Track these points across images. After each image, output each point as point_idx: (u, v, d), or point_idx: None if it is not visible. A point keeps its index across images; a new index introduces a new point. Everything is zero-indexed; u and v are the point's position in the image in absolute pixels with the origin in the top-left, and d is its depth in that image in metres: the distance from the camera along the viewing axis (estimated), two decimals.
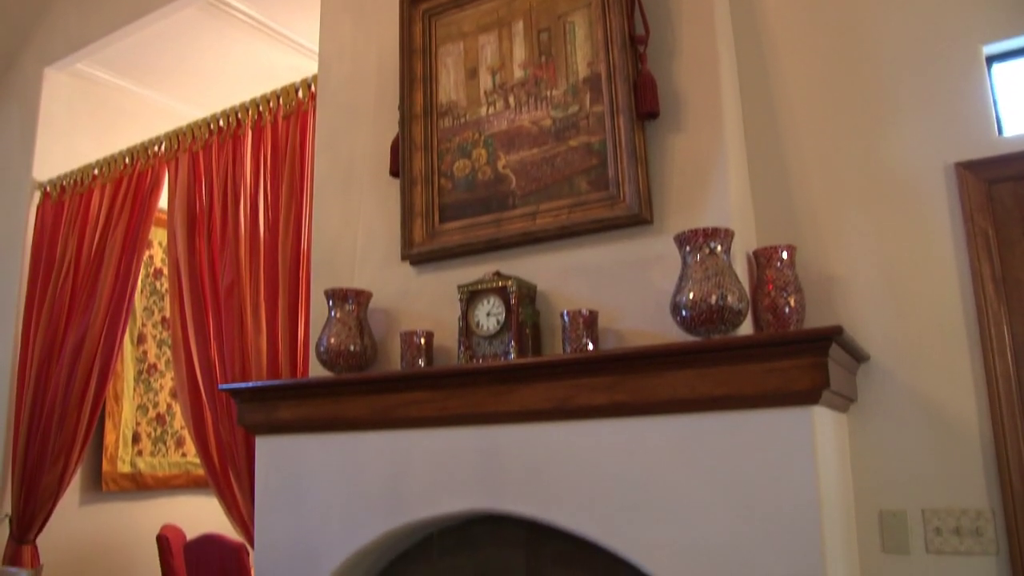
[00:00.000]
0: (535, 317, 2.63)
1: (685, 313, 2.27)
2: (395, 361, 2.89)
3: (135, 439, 5.50)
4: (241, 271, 3.77)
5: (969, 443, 2.38)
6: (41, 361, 4.70)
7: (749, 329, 2.41)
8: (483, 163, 2.87)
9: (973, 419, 2.39)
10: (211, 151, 4.12)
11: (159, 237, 5.35)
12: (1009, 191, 2.44)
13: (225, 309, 3.81)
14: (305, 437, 2.83)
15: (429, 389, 2.54)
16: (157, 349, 5.69)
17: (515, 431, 2.45)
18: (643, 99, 2.61)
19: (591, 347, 2.46)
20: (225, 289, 3.82)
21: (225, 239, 3.89)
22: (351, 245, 3.20)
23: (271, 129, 3.89)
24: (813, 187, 2.64)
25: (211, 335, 3.91)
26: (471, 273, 2.75)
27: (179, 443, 5.77)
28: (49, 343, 4.71)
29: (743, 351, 2.15)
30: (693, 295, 2.25)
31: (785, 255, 2.45)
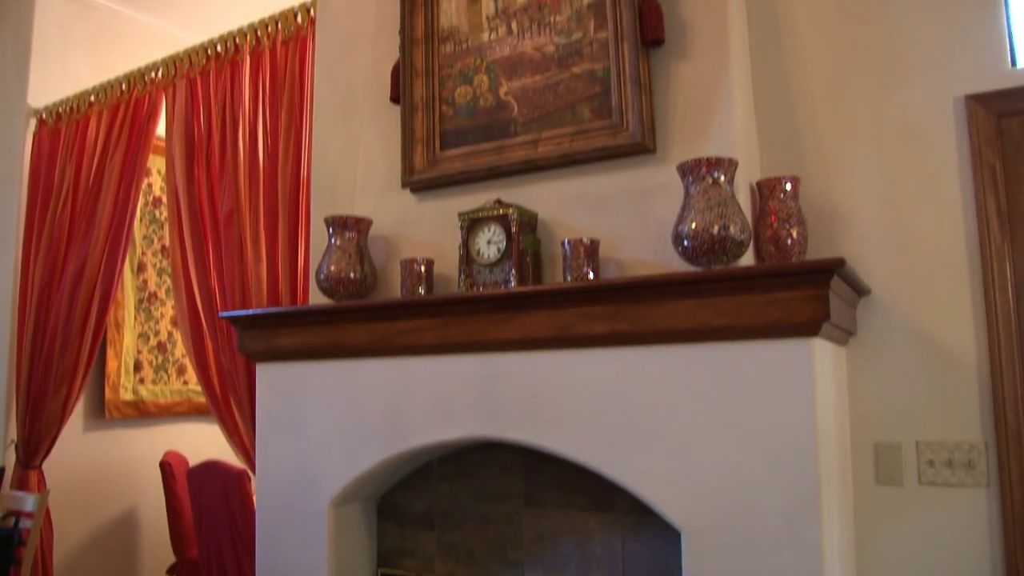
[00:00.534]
0: (536, 245, 2.62)
1: (687, 243, 2.26)
2: (395, 289, 2.89)
3: (137, 367, 5.54)
4: (240, 199, 3.74)
5: (966, 378, 2.40)
6: (41, 289, 4.70)
7: (751, 260, 2.40)
8: (485, 90, 2.83)
9: (971, 354, 2.40)
10: (209, 77, 4.06)
11: (157, 165, 5.30)
12: (1019, 125, 2.41)
13: (225, 237, 3.79)
14: (305, 364, 2.84)
15: (429, 317, 2.55)
16: (157, 278, 5.69)
17: (515, 359, 2.46)
18: (648, 26, 2.56)
19: (592, 276, 2.46)
20: (224, 217, 3.80)
21: (224, 167, 3.85)
22: (351, 172, 3.17)
23: (270, 55, 3.82)
24: (819, 118, 2.60)
25: (211, 263, 3.90)
26: (472, 201, 2.73)
27: (180, 371, 5.81)
28: (49, 271, 4.70)
29: (744, 282, 2.14)
30: (695, 225, 2.24)
31: (788, 187, 2.43)
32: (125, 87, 4.58)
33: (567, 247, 2.48)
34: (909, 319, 2.46)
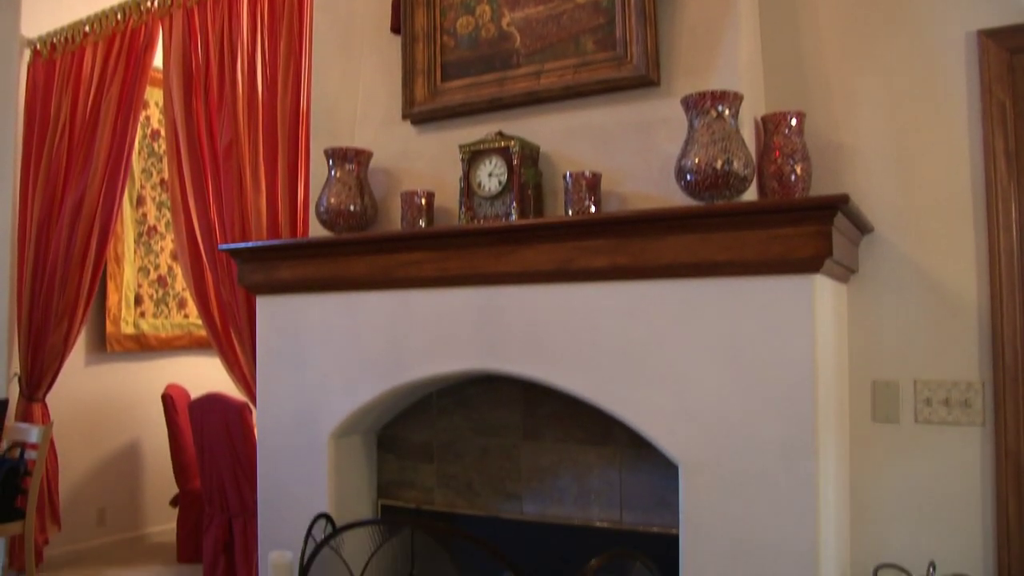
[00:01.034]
0: (537, 178, 2.60)
1: (690, 177, 2.24)
2: (395, 221, 2.87)
3: (137, 301, 5.55)
4: (240, 131, 3.71)
5: (965, 317, 2.40)
6: (41, 222, 4.68)
7: (754, 196, 2.39)
8: (487, 20, 2.77)
9: (972, 294, 2.40)
10: (206, 7, 3.98)
11: (155, 97, 5.24)
12: None
13: (224, 170, 3.77)
14: (305, 297, 2.84)
15: (429, 249, 2.54)
16: (156, 211, 5.67)
17: (515, 292, 2.45)
18: None
19: (593, 210, 2.44)
20: (223, 150, 3.77)
21: (223, 99, 3.81)
22: (351, 104, 3.13)
23: None
24: (826, 52, 2.56)
25: (210, 196, 3.88)
26: (473, 133, 2.70)
27: (181, 304, 5.82)
28: (48, 204, 4.68)
29: (747, 217, 2.13)
30: (698, 159, 2.21)
31: (794, 122, 2.40)
32: (120, 17, 4.50)
33: (569, 180, 2.46)
34: (911, 257, 2.45)
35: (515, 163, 2.53)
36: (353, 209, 2.77)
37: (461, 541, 2.33)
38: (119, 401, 5.51)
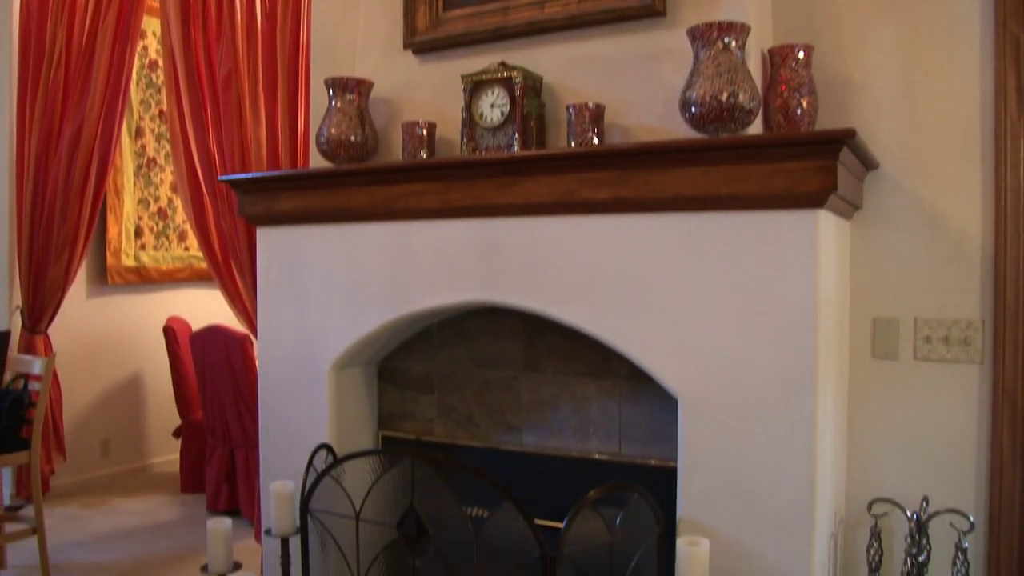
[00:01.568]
0: (540, 109, 2.56)
1: (694, 110, 2.20)
2: (396, 152, 2.85)
3: (138, 233, 5.54)
4: (239, 61, 3.65)
5: (969, 255, 2.40)
6: (39, 154, 4.64)
7: (759, 130, 2.36)
8: None
9: (976, 232, 2.39)
10: None
11: (152, 27, 5.17)
12: None
13: (223, 101, 3.72)
14: (306, 228, 2.83)
15: (431, 180, 2.51)
16: (156, 143, 5.63)
17: (517, 224, 2.44)
18: None
19: (596, 142, 2.41)
20: (222, 80, 3.72)
21: (221, 27, 3.74)
22: (352, 33, 3.07)
23: None
24: None
25: (209, 127, 3.84)
26: (476, 63, 2.65)
27: (181, 237, 5.82)
28: (45, 135, 4.64)
29: (751, 151, 2.11)
30: (703, 91, 2.18)
31: (801, 55, 2.36)
32: None
33: (572, 112, 2.43)
34: (916, 195, 2.44)
35: (518, 94, 2.50)
36: (354, 140, 2.75)
37: (461, 472, 2.36)
38: (121, 333, 5.54)
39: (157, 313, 5.60)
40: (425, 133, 2.69)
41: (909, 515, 2.31)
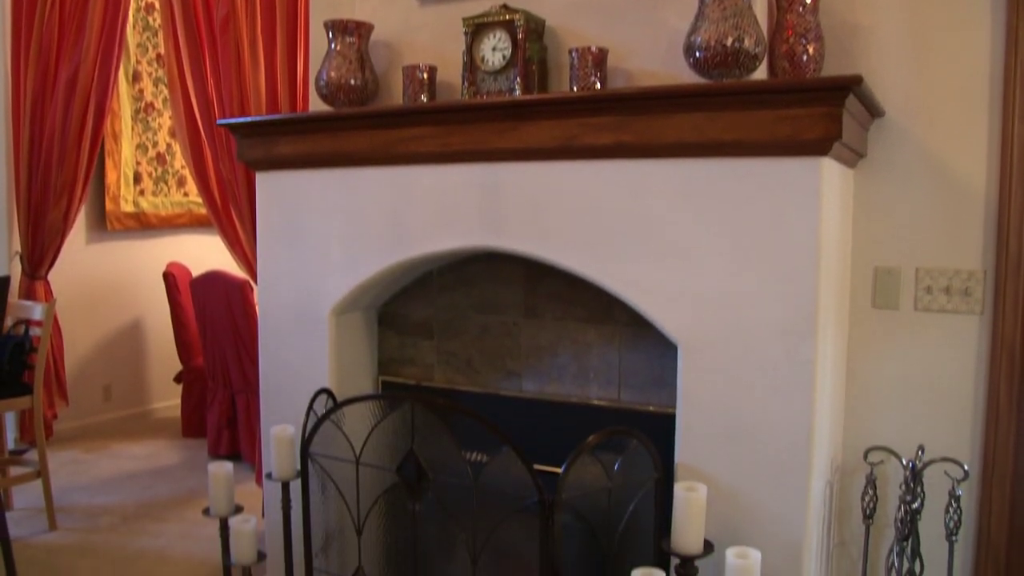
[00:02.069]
0: (542, 53, 2.52)
1: (699, 54, 2.17)
2: (397, 96, 2.81)
3: (136, 179, 5.51)
4: (236, 3, 3.59)
5: (973, 206, 2.38)
6: (35, 98, 4.59)
7: (763, 75, 2.33)
8: None
9: (981, 182, 2.37)
10: None
11: None
12: None
13: (221, 44, 3.67)
14: (306, 173, 2.81)
15: (431, 124, 2.49)
16: (153, 87, 5.57)
17: (518, 169, 2.42)
18: None
19: (599, 86, 2.38)
20: (220, 23, 3.66)
21: None
22: None
23: None
24: None
25: (208, 71, 3.80)
26: (477, 6, 2.60)
27: (180, 182, 5.79)
28: (41, 79, 4.58)
29: (756, 96, 2.08)
30: (708, 36, 2.14)
31: (808, 0, 2.31)
32: None
33: (574, 56, 2.39)
34: (922, 143, 2.41)
35: (519, 37, 2.46)
36: (354, 83, 2.71)
37: (460, 417, 2.37)
38: (121, 279, 5.55)
39: (157, 259, 5.60)
40: (426, 77, 2.66)
41: (904, 463, 2.33)
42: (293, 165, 2.82)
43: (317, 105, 2.96)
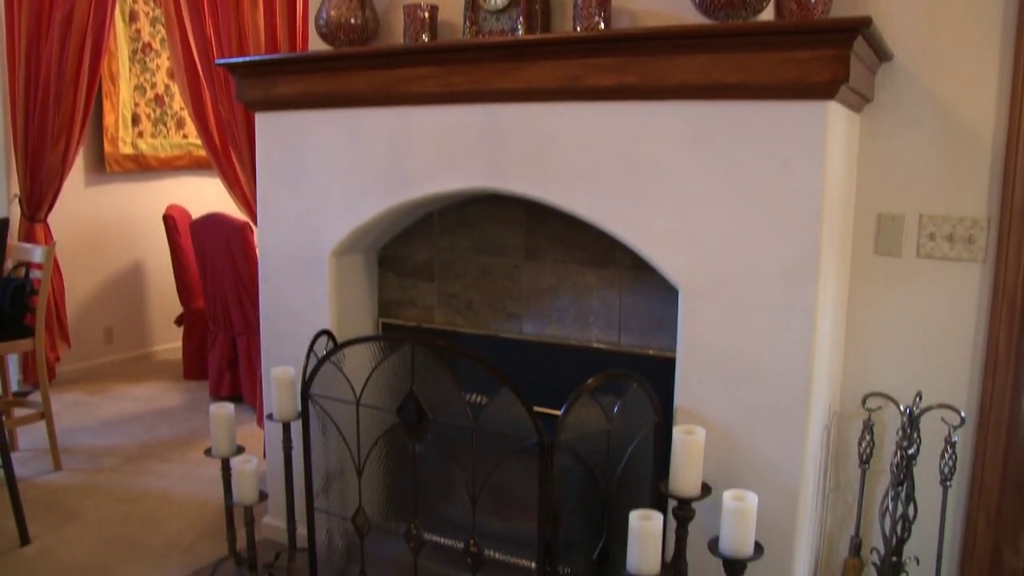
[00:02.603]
0: None
1: None
2: (398, 36, 2.78)
3: (135, 120, 5.46)
4: None
5: (979, 152, 2.35)
6: (30, 38, 4.52)
7: (770, 16, 2.28)
8: None
9: (988, 129, 2.34)
10: None
11: None
12: None
13: None
14: (306, 113, 2.78)
15: (433, 64, 2.45)
16: (151, 27, 5.49)
17: (520, 110, 2.39)
18: None
19: (603, 26, 2.35)
20: None
21: None
22: None
23: None
24: None
25: (205, 10, 3.74)
26: None
27: (179, 124, 5.74)
28: (36, 18, 4.51)
29: (762, 38, 2.04)
30: None
31: None
32: None
33: None
34: (930, 89, 2.37)
35: None
36: (354, 22, 2.67)
37: (460, 358, 2.37)
38: (121, 222, 5.53)
39: (157, 201, 5.58)
40: (427, 16, 2.62)
41: (902, 409, 2.34)
42: (293, 105, 2.79)
43: (317, 45, 2.92)
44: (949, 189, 2.39)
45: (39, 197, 4.68)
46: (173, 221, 5.12)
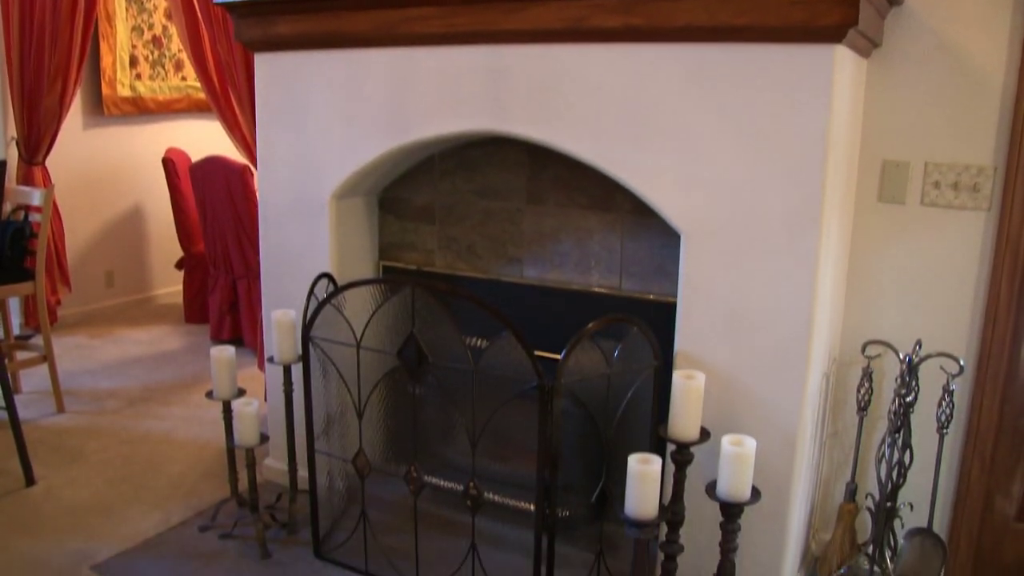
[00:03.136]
0: None
1: None
2: None
3: (132, 62, 5.39)
4: None
5: (988, 100, 2.33)
6: None
7: None
8: None
9: (998, 75, 2.31)
10: None
11: None
12: None
13: None
14: (306, 54, 2.74)
15: (436, 4, 2.40)
16: None
17: (524, 51, 2.35)
18: None
19: None
20: None
21: None
22: None
23: None
24: None
25: None
26: None
27: (178, 67, 5.67)
28: None
29: None
30: None
31: None
32: None
33: None
34: (939, 34, 2.34)
35: None
36: None
37: (461, 301, 2.37)
38: (120, 165, 5.49)
39: (156, 144, 5.53)
40: None
41: (901, 357, 2.34)
42: (293, 46, 2.75)
43: None
44: (956, 137, 2.37)
45: (37, 139, 4.64)
46: (172, 164, 5.08)
